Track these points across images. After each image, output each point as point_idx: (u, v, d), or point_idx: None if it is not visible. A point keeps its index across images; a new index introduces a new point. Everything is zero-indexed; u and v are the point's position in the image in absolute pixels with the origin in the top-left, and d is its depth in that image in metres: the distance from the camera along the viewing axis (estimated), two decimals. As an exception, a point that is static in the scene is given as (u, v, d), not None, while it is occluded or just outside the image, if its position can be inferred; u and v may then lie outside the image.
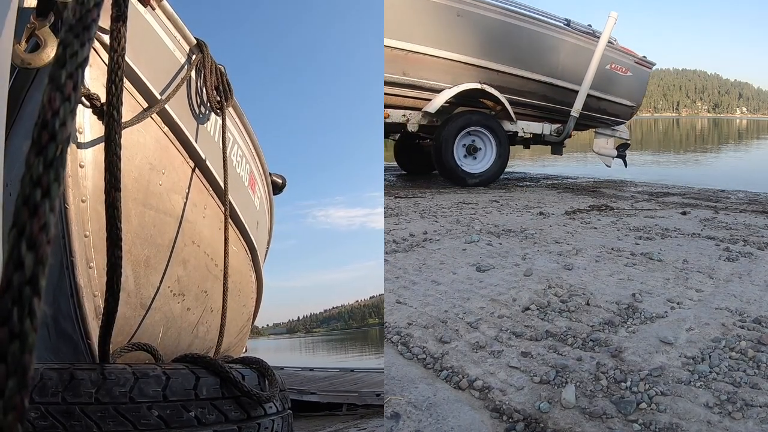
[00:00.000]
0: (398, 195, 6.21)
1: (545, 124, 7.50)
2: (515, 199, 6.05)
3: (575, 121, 7.37)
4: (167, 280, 1.93)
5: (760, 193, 6.82)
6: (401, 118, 6.45)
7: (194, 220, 2.09)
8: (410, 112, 6.48)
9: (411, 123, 6.56)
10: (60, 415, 1.23)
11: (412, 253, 3.42)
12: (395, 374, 1.84)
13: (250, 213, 2.81)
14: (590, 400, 1.64)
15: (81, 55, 0.48)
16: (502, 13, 6.60)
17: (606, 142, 8.39)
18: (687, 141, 28.29)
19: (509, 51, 6.67)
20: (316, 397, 4.03)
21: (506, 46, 6.64)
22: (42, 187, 0.41)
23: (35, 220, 0.40)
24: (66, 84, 0.45)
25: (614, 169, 8.89)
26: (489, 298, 2.54)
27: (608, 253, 3.39)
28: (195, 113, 2.08)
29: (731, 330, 2.12)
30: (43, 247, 0.41)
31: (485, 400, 1.67)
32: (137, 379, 1.35)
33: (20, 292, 0.39)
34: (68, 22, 0.49)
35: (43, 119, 0.43)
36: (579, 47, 7.19)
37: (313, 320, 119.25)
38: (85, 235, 1.55)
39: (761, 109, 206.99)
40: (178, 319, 2.08)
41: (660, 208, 5.43)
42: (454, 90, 6.37)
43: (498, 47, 6.59)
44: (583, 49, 7.14)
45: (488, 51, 6.55)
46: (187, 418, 1.37)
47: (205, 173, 2.18)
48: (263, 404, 1.57)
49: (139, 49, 1.71)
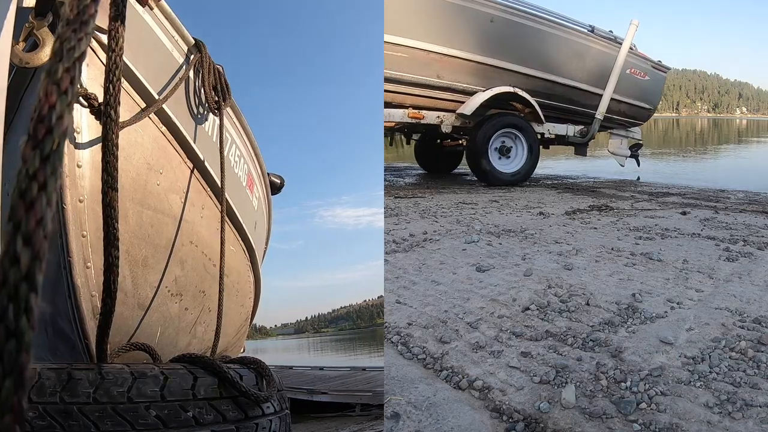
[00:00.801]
0: (398, 195, 6.21)
1: (569, 126, 7.80)
2: (515, 199, 6.05)
3: (599, 123, 7.74)
4: (165, 280, 1.93)
5: (760, 193, 6.82)
6: (435, 120, 6.69)
7: (192, 220, 2.09)
8: (444, 113, 6.72)
9: (445, 124, 6.79)
10: (58, 415, 1.23)
11: (412, 253, 3.42)
12: (395, 374, 1.84)
13: (248, 213, 2.81)
14: (590, 400, 1.64)
15: (78, 49, 0.48)
16: (533, 19, 6.87)
17: (620, 142, 8.79)
18: (687, 141, 28.31)
19: (539, 56, 6.97)
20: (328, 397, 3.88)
21: (536, 52, 6.94)
22: (38, 182, 0.41)
23: (32, 214, 0.40)
24: (63, 78, 0.45)
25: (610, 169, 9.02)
26: (489, 298, 2.54)
27: (608, 253, 3.39)
28: (193, 113, 2.08)
29: (731, 330, 2.11)
30: (40, 243, 0.40)
31: (485, 400, 1.67)
32: (135, 379, 1.35)
33: (16, 289, 0.39)
34: (65, 17, 0.48)
35: (40, 113, 0.42)
36: (602, 53, 7.52)
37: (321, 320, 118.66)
38: (82, 234, 1.54)
39: (761, 109, 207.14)
40: (176, 319, 2.08)
41: (660, 208, 5.43)
42: (489, 93, 6.63)
43: (528, 52, 6.88)
44: (606, 55, 7.49)
45: (520, 56, 6.83)
46: (184, 418, 1.36)
47: (203, 173, 2.17)
48: (261, 404, 1.56)
49: (137, 48, 1.71)
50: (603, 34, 7.63)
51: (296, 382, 4.94)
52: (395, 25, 5.89)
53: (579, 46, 7.32)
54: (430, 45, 6.20)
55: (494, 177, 6.94)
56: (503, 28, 6.64)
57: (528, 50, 6.86)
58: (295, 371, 6.64)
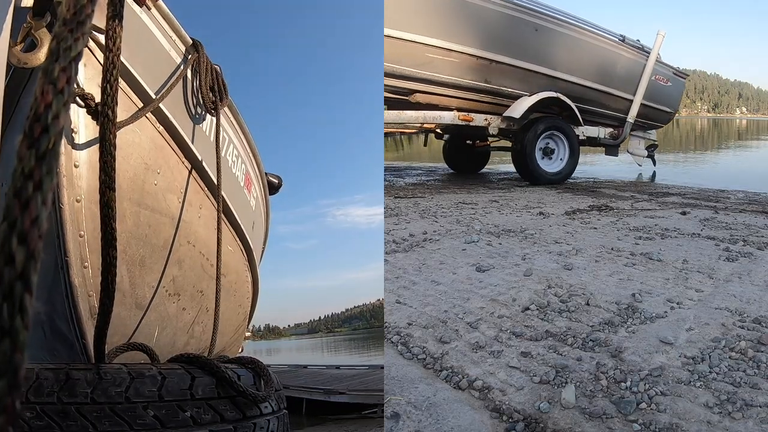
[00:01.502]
0: (398, 195, 6.21)
1: (600, 128, 8.37)
2: (515, 199, 6.05)
3: (630, 126, 8.44)
4: (162, 280, 1.92)
5: (760, 193, 6.82)
6: (483, 122, 7.15)
7: (189, 220, 2.09)
8: (491, 116, 7.16)
9: (492, 126, 7.21)
10: (56, 416, 1.23)
11: (412, 253, 3.41)
12: (395, 374, 1.84)
13: (245, 213, 2.80)
14: (590, 400, 1.63)
15: (75, 49, 0.47)
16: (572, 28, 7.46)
17: (639, 143, 9.47)
18: (686, 141, 28.31)
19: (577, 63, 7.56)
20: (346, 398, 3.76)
21: (575, 59, 7.52)
22: (34, 181, 0.40)
23: (27, 213, 0.40)
24: (59, 77, 0.44)
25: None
26: (489, 298, 2.53)
27: (608, 253, 3.39)
28: (190, 113, 2.07)
29: (731, 330, 2.11)
30: (35, 242, 0.40)
31: (485, 400, 1.67)
32: (133, 379, 1.35)
33: (11, 288, 0.38)
34: (62, 17, 0.48)
35: (36, 112, 0.42)
36: (631, 60, 8.15)
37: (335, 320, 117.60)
38: (80, 234, 1.54)
39: (761, 109, 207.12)
40: (174, 319, 2.08)
41: (660, 208, 5.43)
42: (535, 98, 7.09)
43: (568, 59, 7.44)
44: (634, 62, 8.16)
45: (560, 63, 7.37)
46: (182, 418, 1.36)
47: (201, 173, 2.17)
48: (259, 404, 1.56)
49: (134, 48, 1.70)
50: (632, 43, 8.24)
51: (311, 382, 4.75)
52: (447, 30, 6.33)
53: (612, 54, 7.94)
54: (480, 51, 6.69)
55: (539, 176, 7.33)
56: (546, 36, 7.14)
57: (568, 57, 7.40)
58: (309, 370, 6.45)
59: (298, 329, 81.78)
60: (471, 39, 6.57)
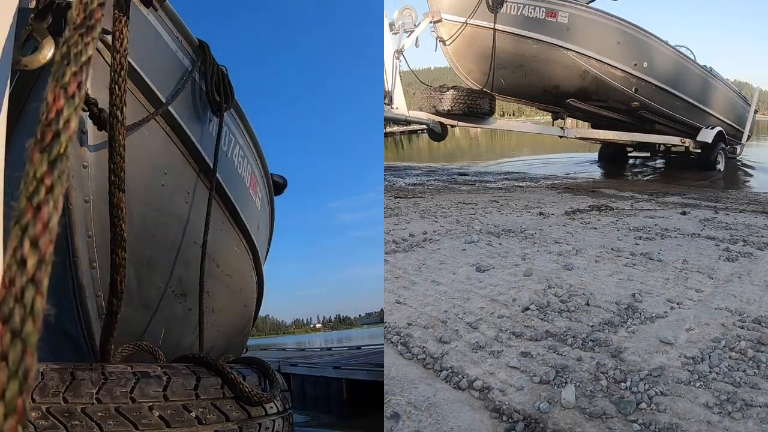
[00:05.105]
0: (398, 195, 6.22)
1: (729, 146, 10.82)
2: (515, 199, 6.05)
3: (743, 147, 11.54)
4: (170, 280, 1.93)
5: (760, 193, 6.82)
6: (678, 142, 9.79)
7: (197, 221, 2.09)
8: (686, 139, 9.74)
9: (691, 147, 9.87)
10: (61, 416, 1.23)
11: (412, 253, 3.42)
12: (395, 374, 1.84)
13: (251, 213, 2.81)
14: (590, 400, 1.64)
15: (85, 54, 0.48)
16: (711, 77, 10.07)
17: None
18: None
19: (721, 105, 10.35)
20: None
21: (721, 102, 10.33)
22: (46, 185, 0.41)
23: (39, 218, 0.40)
24: (70, 83, 0.45)
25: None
26: (489, 298, 2.54)
27: (608, 253, 3.39)
28: (198, 114, 2.08)
29: (731, 330, 2.12)
30: (47, 246, 0.40)
31: (485, 400, 1.67)
32: (138, 380, 1.35)
33: (23, 292, 0.39)
34: (73, 22, 0.49)
35: (47, 117, 0.43)
36: (726, 91, 10.79)
37: None
38: (88, 235, 1.54)
39: (761, 109, 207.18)
40: (180, 320, 2.08)
41: (660, 208, 5.43)
42: (717, 129, 9.85)
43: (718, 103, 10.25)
44: (741, 106, 11.19)
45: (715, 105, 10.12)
46: (188, 418, 1.37)
47: (208, 174, 2.17)
48: (264, 404, 1.57)
49: (141, 50, 1.70)
50: (717, 74, 10.58)
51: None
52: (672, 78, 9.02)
53: (725, 90, 10.67)
54: (686, 96, 9.41)
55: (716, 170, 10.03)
56: (709, 86, 9.98)
57: (718, 101, 10.26)
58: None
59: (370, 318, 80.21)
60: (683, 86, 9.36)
